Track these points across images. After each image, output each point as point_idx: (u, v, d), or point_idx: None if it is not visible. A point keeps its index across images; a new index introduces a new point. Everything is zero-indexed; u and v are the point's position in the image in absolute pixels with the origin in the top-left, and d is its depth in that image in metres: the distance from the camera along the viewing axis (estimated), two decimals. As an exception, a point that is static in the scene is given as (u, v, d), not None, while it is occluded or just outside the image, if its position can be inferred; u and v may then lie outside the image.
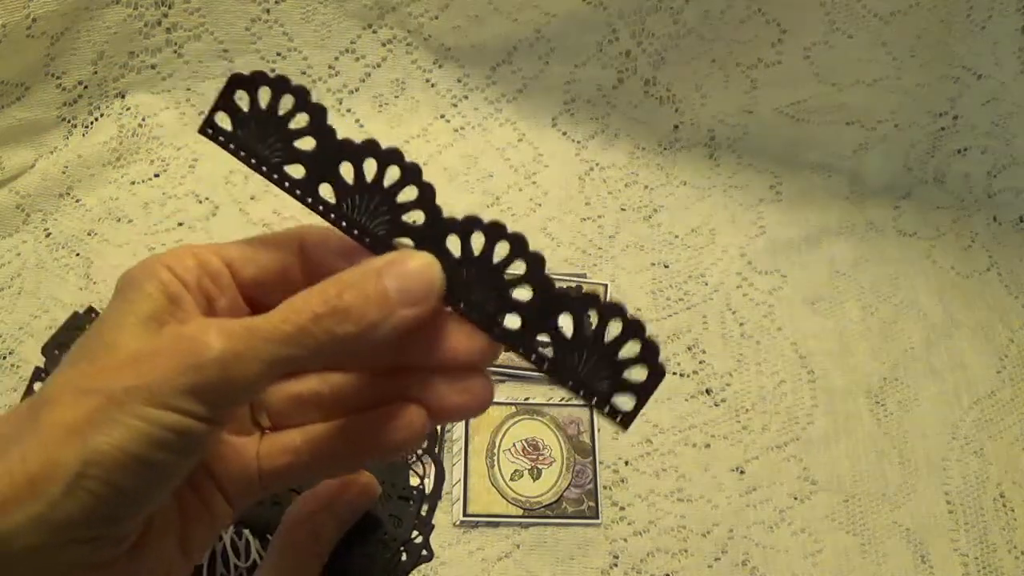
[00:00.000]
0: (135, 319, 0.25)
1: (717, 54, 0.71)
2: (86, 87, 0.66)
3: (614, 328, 0.27)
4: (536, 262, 0.27)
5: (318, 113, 0.28)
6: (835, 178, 0.74)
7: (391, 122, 0.72)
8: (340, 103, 0.71)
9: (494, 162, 0.71)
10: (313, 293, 0.25)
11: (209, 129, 0.30)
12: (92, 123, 0.67)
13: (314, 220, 0.29)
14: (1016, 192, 0.73)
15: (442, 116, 0.72)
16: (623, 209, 0.70)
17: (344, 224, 0.28)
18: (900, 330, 0.67)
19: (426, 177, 0.28)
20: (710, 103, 0.73)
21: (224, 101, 0.29)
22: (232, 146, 0.29)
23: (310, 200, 0.29)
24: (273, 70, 0.70)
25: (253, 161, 0.29)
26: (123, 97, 0.69)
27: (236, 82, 0.29)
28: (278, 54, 0.70)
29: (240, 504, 0.30)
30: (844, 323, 0.67)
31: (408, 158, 0.28)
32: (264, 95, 0.29)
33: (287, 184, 0.29)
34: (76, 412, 0.23)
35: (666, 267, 0.67)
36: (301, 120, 0.29)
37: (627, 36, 0.70)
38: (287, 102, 0.29)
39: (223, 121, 0.29)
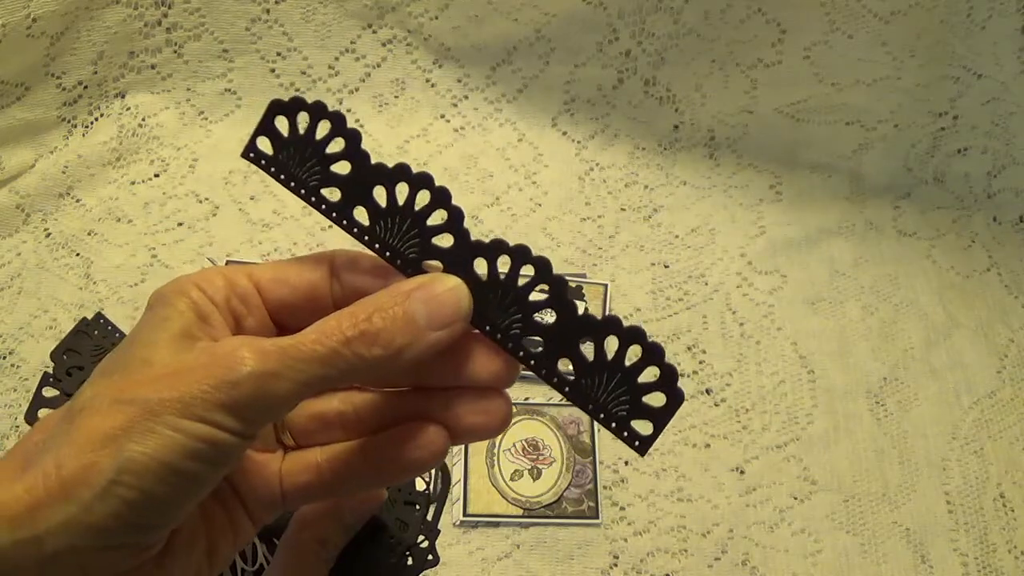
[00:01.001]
0: (167, 335, 0.26)
1: (717, 54, 0.71)
2: (86, 87, 0.66)
3: (633, 353, 0.28)
4: (559, 286, 0.28)
5: (353, 138, 0.29)
6: (835, 178, 0.74)
7: (391, 122, 0.72)
8: (340, 103, 0.71)
9: (494, 162, 0.71)
10: (344, 316, 0.26)
11: (251, 153, 0.30)
12: (92, 123, 0.67)
13: (304, 228, 0.29)
14: (1016, 192, 0.73)
15: (442, 116, 0.72)
16: (623, 209, 0.70)
17: (377, 246, 0.29)
18: (900, 330, 0.67)
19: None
20: (710, 103, 0.73)
21: (265, 126, 0.30)
22: (272, 169, 0.30)
23: (345, 222, 0.29)
24: (273, 70, 0.70)
25: (292, 184, 0.30)
26: (123, 97, 0.69)
27: (276, 107, 0.30)
28: (278, 54, 0.70)
29: (262, 520, 0.30)
30: (844, 323, 0.67)
31: (437, 182, 0.28)
32: (302, 120, 0.29)
33: (324, 207, 0.30)
34: (112, 421, 0.23)
35: (666, 267, 0.67)
36: (336, 145, 0.29)
37: (627, 36, 0.70)
38: (324, 127, 0.29)
39: (264, 145, 0.30)
